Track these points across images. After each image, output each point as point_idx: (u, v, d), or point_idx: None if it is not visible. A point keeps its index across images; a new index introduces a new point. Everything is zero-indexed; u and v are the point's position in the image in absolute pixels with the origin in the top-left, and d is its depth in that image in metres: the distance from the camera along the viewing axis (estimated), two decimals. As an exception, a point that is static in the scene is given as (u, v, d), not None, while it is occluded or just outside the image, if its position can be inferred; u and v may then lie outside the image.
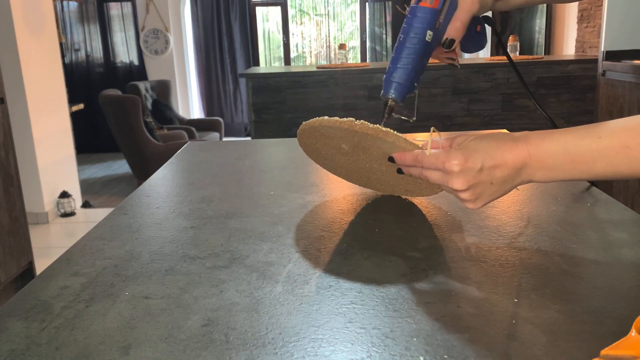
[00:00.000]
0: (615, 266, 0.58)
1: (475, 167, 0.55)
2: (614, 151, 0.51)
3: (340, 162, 0.78)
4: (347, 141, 0.68)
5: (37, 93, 3.49)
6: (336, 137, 0.68)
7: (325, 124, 0.65)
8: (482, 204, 0.58)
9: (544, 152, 0.54)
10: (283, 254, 0.63)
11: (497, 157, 0.55)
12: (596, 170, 0.53)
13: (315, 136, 0.71)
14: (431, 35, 0.53)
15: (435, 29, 0.54)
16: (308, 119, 0.68)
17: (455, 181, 0.56)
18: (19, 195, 2.59)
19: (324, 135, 0.70)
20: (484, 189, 0.56)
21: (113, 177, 5.13)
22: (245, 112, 6.55)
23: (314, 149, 0.77)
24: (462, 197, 0.58)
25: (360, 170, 0.78)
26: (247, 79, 3.45)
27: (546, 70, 3.42)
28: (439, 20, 0.55)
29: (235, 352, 0.44)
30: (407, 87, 0.63)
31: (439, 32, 0.56)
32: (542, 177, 0.55)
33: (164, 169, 1.08)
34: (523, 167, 0.55)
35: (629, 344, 0.40)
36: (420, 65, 0.59)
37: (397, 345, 0.45)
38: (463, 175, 0.55)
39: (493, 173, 0.55)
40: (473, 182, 0.56)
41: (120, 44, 6.18)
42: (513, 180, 0.56)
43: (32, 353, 0.45)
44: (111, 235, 0.71)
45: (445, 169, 0.56)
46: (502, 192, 0.57)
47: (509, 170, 0.55)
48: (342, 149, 0.72)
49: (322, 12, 6.65)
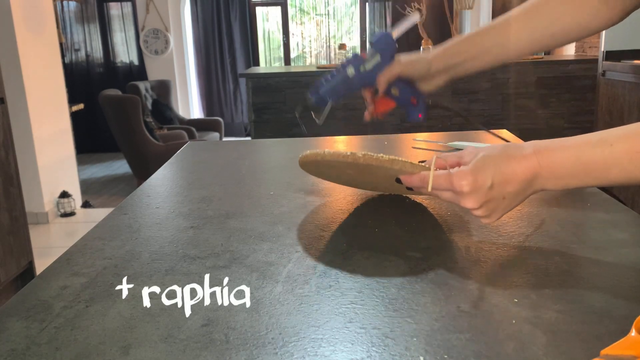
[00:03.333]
0: (615, 266, 0.58)
1: (486, 185, 0.54)
2: (627, 157, 0.50)
3: (346, 180, 0.79)
4: (351, 168, 0.68)
5: (37, 93, 3.49)
6: (340, 166, 0.68)
7: (327, 158, 0.64)
8: (496, 218, 0.57)
9: (555, 162, 0.53)
10: (283, 254, 0.63)
11: (507, 172, 0.54)
12: (610, 177, 0.52)
13: (318, 165, 0.71)
14: (352, 72, 0.71)
15: (358, 70, 0.71)
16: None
17: (467, 201, 0.56)
18: (19, 195, 2.59)
19: (327, 165, 0.70)
20: (497, 205, 0.56)
21: (113, 177, 5.13)
22: (245, 112, 6.54)
23: (317, 172, 0.78)
24: (476, 214, 0.57)
25: (369, 184, 0.78)
26: (247, 79, 3.45)
27: (546, 70, 3.42)
28: (364, 66, 0.72)
29: (235, 352, 0.44)
30: (321, 96, 0.79)
31: (362, 75, 0.72)
32: (555, 186, 0.55)
33: (164, 169, 1.08)
34: (534, 178, 0.54)
35: (629, 344, 0.40)
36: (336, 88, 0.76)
37: (397, 345, 0.45)
38: (474, 194, 0.55)
39: (504, 188, 0.55)
40: (485, 199, 0.55)
41: (120, 44, 6.18)
42: (525, 192, 0.56)
43: (32, 353, 0.45)
44: (111, 235, 0.71)
45: (455, 190, 0.56)
46: (515, 203, 0.57)
47: (520, 184, 0.55)
48: (347, 173, 0.72)
49: (322, 12, 6.65)
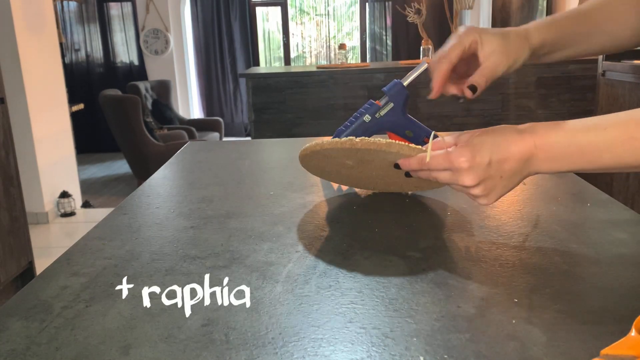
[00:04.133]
0: (615, 266, 0.58)
1: (484, 162, 0.55)
2: (620, 142, 0.51)
3: (346, 175, 0.79)
4: (350, 158, 0.69)
5: (37, 93, 3.49)
6: (339, 156, 0.69)
7: (326, 146, 0.66)
8: (494, 199, 0.57)
9: (550, 143, 0.54)
10: (283, 254, 0.63)
11: (504, 151, 0.55)
12: (602, 162, 0.52)
13: (318, 158, 0.72)
14: (369, 118, 0.77)
15: (374, 117, 0.77)
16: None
17: (465, 178, 0.55)
18: (19, 195, 2.59)
19: (326, 156, 0.70)
20: (495, 184, 0.56)
21: (113, 177, 5.13)
22: (245, 112, 6.54)
23: (317, 167, 0.78)
24: (474, 193, 0.57)
25: (368, 178, 0.79)
26: (247, 79, 3.45)
27: (546, 70, 3.42)
28: (379, 112, 0.78)
29: (235, 352, 0.44)
30: None
31: (377, 121, 0.78)
32: (549, 168, 0.55)
33: (164, 169, 1.08)
34: (529, 158, 0.55)
35: (629, 344, 0.40)
36: (355, 133, 0.80)
37: (397, 345, 0.45)
38: (473, 171, 0.55)
39: (502, 166, 0.55)
40: (483, 176, 0.55)
41: (120, 44, 6.18)
42: (521, 172, 0.56)
43: (32, 353, 0.45)
44: (111, 235, 0.71)
45: (453, 167, 0.56)
46: (511, 185, 0.57)
47: (516, 163, 0.55)
48: (346, 164, 0.73)
49: (322, 12, 6.65)
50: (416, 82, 0.78)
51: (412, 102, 3.25)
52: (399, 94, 0.78)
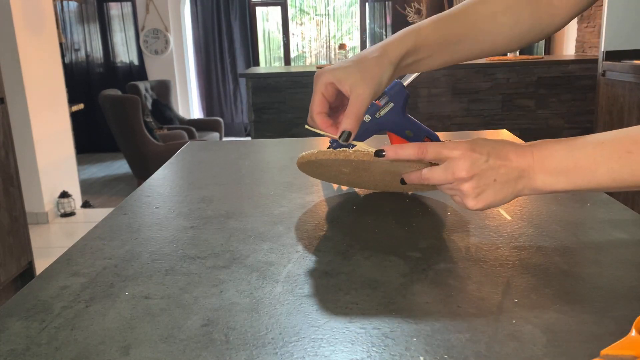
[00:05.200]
0: (615, 266, 0.58)
1: (482, 155, 0.54)
2: (615, 156, 0.51)
3: (344, 179, 0.81)
4: (346, 166, 0.70)
5: (37, 93, 3.49)
6: (335, 165, 0.70)
7: (320, 157, 0.67)
8: (482, 204, 0.56)
9: (548, 154, 0.54)
10: (283, 254, 0.63)
11: (502, 154, 0.55)
12: (598, 178, 0.52)
13: (314, 166, 0.73)
14: (369, 118, 0.76)
15: (374, 117, 0.76)
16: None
17: (460, 165, 0.54)
18: (19, 195, 2.59)
19: (323, 165, 0.72)
20: (487, 184, 0.55)
21: (113, 177, 5.13)
22: (245, 112, 6.54)
23: (315, 173, 0.81)
24: (465, 189, 0.55)
25: (365, 182, 0.80)
26: (247, 79, 3.45)
27: (546, 70, 3.42)
28: (379, 112, 0.77)
29: (235, 352, 0.44)
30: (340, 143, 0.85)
31: (377, 121, 0.77)
32: (543, 183, 0.54)
33: (164, 169, 1.08)
34: (526, 168, 0.54)
35: (629, 344, 0.40)
36: None
37: (397, 345, 0.45)
38: (469, 160, 0.54)
39: (498, 168, 0.54)
40: (478, 170, 0.54)
41: (120, 44, 6.18)
42: (515, 182, 0.55)
43: (32, 353, 0.45)
44: (111, 235, 0.71)
45: (450, 155, 0.55)
46: (502, 195, 0.56)
47: (512, 170, 0.54)
48: (343, 171, 0.75)
49: (322, 12, 6.65)
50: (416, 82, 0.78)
51: (412, 102, 3.26)
52: (399, 94, 0.78)
